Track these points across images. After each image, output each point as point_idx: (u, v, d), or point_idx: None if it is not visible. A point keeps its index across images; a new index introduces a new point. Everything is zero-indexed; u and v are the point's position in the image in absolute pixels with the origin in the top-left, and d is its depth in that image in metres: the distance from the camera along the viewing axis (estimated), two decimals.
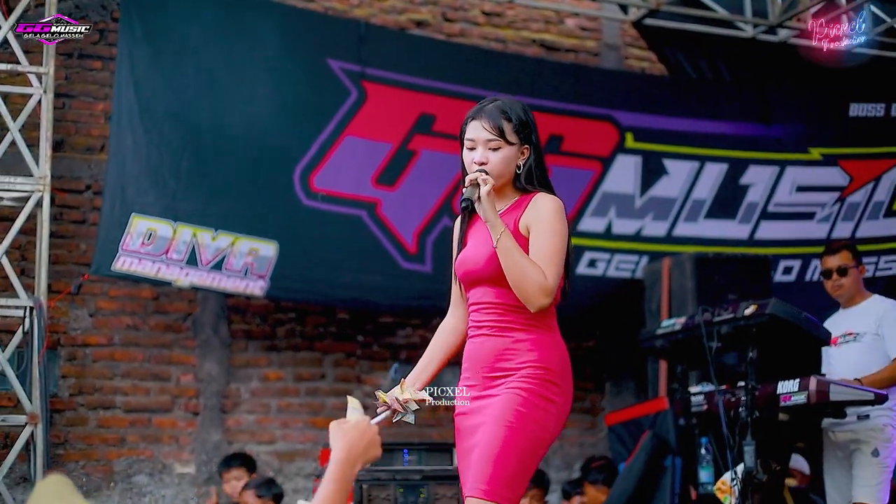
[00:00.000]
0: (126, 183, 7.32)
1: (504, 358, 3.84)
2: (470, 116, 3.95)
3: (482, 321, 3.90)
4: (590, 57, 9.45)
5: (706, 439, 6.76)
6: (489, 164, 3.87)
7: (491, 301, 3.89)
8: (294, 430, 8.23)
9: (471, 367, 3.91)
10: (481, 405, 3.84)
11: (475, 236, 4.00)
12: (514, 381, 3.80)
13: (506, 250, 3.79)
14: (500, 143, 3.90)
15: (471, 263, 3.95)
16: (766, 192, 8.99)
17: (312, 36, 7.97)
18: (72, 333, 7.74)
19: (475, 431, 3.82)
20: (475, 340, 3.92)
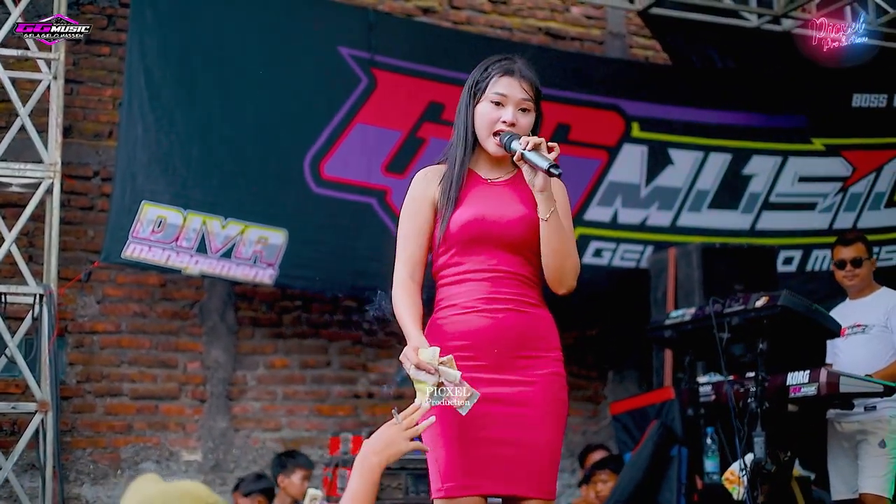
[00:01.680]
0: (136, 170, 7.30)
1: (531, 338, 3.58)
2: (499, 70, 3.71)
3: (498, 293, 3.58)
4: (595, 45, 9.46)
5: (712, 429, 6.81)
6: (518, 126, 3.63)
7: (510, 271, 3.60)
8: (300, 418, 8.24)
9: (483, 346, 3.55)
10: (505, 392, 3.53)
11: (482, 196, 3.65)
12: (551, 366, 3.60)
13: (559, 225, 3.57)
14: (531, 105, 3.69)
15: (493, 223, 3.61)
16: (768, 182, 9.03)
17: (323, 23, 7.95)
18: (79, 320, 7.74)
19: (513, 422, 3.51)
20: (486, 315, 3.57)
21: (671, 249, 8.17)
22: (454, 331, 3.59)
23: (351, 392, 8.41)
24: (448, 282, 3.66)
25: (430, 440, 3.55)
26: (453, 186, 3.67)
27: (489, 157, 3.72)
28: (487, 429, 3.52)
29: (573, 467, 8.84)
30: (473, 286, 3.61)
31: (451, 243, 3.64)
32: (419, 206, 3.71)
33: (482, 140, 3.69)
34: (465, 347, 3.55)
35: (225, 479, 7.92)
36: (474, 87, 3.73)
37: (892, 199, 9.32)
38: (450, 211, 3.64)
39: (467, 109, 3.73)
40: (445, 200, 3.66)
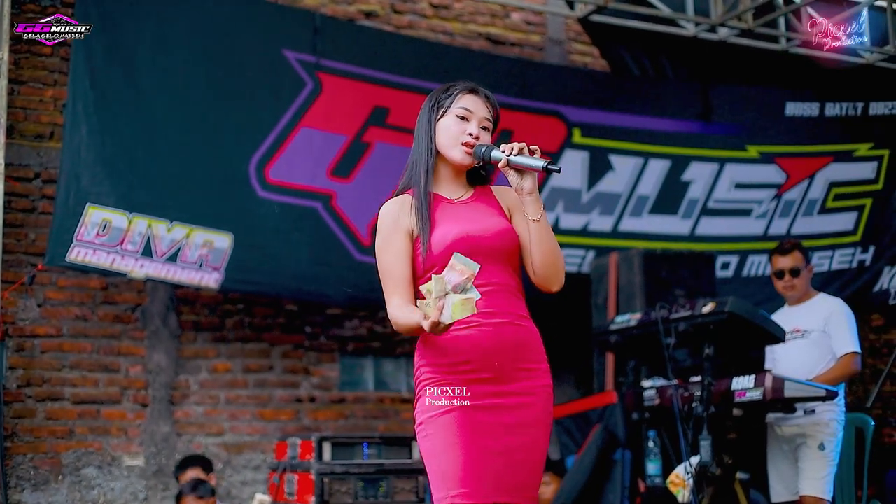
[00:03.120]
0: (81, 173, 7.19)
1: (526, 350, 3.67)
2: (464, 89, 3.79)
3: (494, 307, 3.63)
4: (534, 51, 9.52)
5: (654, 433, 6.88)
6: (481, 141, 3.73)
7: (501, 283, 3.68)
8: (242, 422, 8.19)
9: (484, 359, 3.59)
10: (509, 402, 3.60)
11: (454, 215, 3.71)
12: (545, 378, 3.70)
13: (547, 226, 3.70)
14: (490, 126, 3.80)
15: (479, 238, 3.65)
16: (706, 188, 9.14)
17: (268, 26, 7.91)
18: (20, 324, 7.61)
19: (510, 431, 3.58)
20: (486, 329, 3.60)
21: (612, 255, 8.24)
22: (455, 345, 3.63)
23: (293, 396, 8.39)
24: None
25: (433, 450, 3.62)
26: (423, 210, 3.72)
27: (449, 176, 3.81)
28: (493, 439, 3.58)
29: None
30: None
31: (441, 264, 3.61)
32: (394, 235, 3.75)
33: (447, 150, 3.77)
34: (466, 361, 3.62)
35: (167, 484, 7.84)
36: (436, 105, 3.81)
37: (826, 205, 9.47)
38: (427, 233, 3.68)
39: (429, 125, 3.80)
40: (422, 223, 3.70)
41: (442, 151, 3.77)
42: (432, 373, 3.66)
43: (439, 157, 3.79)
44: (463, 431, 3.57)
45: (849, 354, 6.40)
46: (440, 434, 3.58)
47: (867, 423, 6.92)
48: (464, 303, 3.39)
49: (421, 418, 3.67)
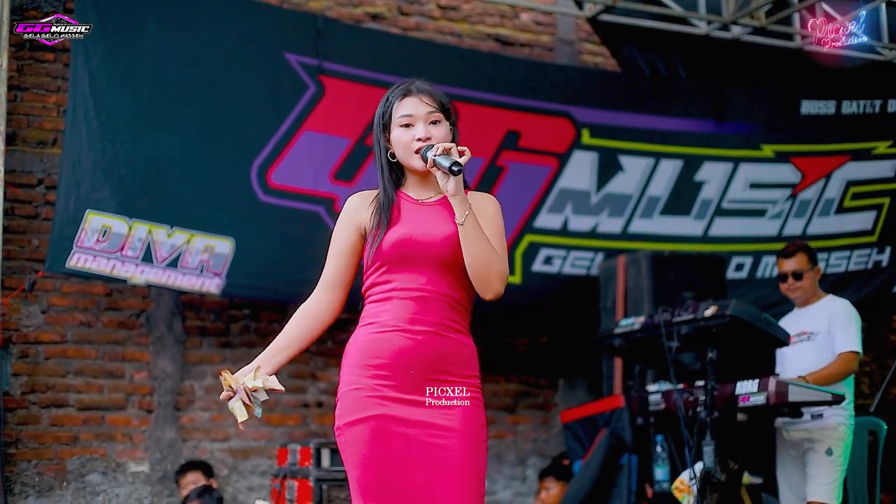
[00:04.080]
0: (80, 179, 7.20)
1: (451, 362, 3.59)
2: (398, 95, 3.72)
3: (422, 315, 3.59)
4: (544, 52, 9.44)
5: (662, 437, 6.81)
6: (434, 138, 3.65)
7: (436, 291, 3.62)
8: (248, 428, 8.03)
9: (400, 366, 3.56)
10: (422, 414, 3.56)
11: (412, 216, 3.70)
12: (469, 391, 3.61)
13: (475, 228, 3.56)
14: (440, 115, 3.70)
15: (420, 242, 3.64)
16: (719, 188, 9.03)
17: (270, 30, 7.87)
18: (24, 330, 7.61)
19: (431, 445, 3.54)
20: (408, 336, 3.58)
21: (620, 257, 8.16)
22: (374, 349, 3.61)
23: (300, 401, 8.35)
24: (374, 299, 3.68)
25: (348, 461, 3.59)
26: (382, 208, 3.70)
27: (418, 179, 3.77)
28: (405, 451, 3.54)
29: (524, 475, 8.83)
30: (398, 304, 3.63)
31: (382, 262, 3.66)
32: (345, 228, 3.79)
33: (407, 162, 3.73)
34: (382, 366, 3.59)
35: (173, 490, 7.82)
36: (382, 120, 3.77)
37: (842, 205, 9.34)
38: (383, 231, 3.65)
39: (379, 143, 3.79)
40: (376, 223, 3.69)
41: (404, 164, 3.74)
42: (351, 374, 3.64)
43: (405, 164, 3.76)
44: (374, 442, 3.54)
45: (847, 353, 6.33)
46: (353, 443, 3.57)
47: (880, 427, 6.84)
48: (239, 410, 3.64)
49: (338, 423, 3.64)
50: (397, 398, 3.56)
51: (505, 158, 8.40)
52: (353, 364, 3.64)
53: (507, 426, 8.99)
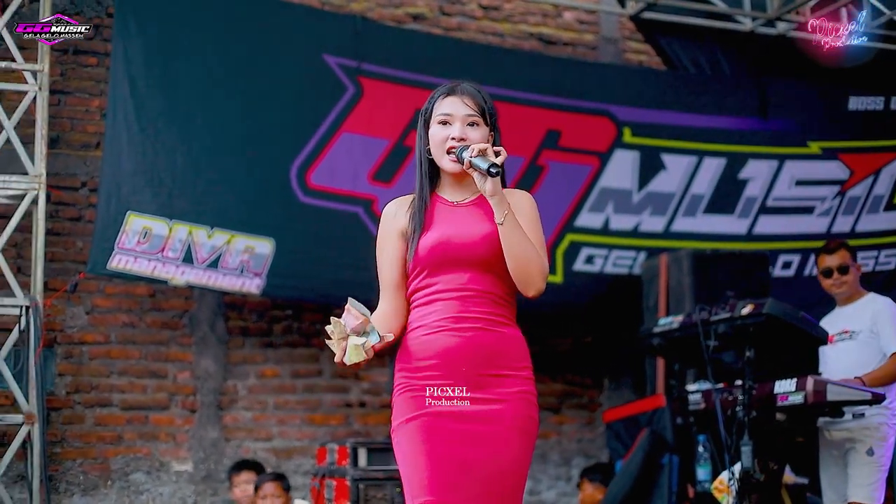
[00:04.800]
0: (121, 181, 7.29)
1: (500, 357, 3.64)
2: (441, 93, 3.79)
3: (467, 313, 3.64)
4: (588, 51, 9.41)
5: (704, 437, 6.76)
6: (469, 140, 3.69)
7: (479, 289, 3.66)
8: (291, 427, 8.21)
9: (450, 364, 3.60)
10: (475, 409, 3.60)
11: (448, 218, 3.73)
12: (521, 384, 3.66)
13: (515, 227, 3.61)
14: (479, 119, 3.73)
15: (459, 244, 3.67)
16: (765, 186, 8.94)
17: (308, 31, 7.91)
18: (68, 331, 7.73)
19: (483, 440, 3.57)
20: (455, 334, 3.62)
21: (662, 256, 8.11)
22: (423, 350, 3.65)
23: (343, 401, 8.38)
24: (418, 303, 3.72)
25: (402, 457, 3.64)
26: (417, 212, 3.75)
27: (453, 180, 3.81)
28: (458, 447, 3.58)
29: (568, 475, 8.80)
30: (442, 306, 3.67)
31: (422, 267, 3.71)
32: (388, 237, 3.81)
33: (438, 160, 3.78)
34: (434, 367, 3.62)
35: (216, 489, 7.91)
36: (424, 116, 3.83)
37: (892, 202, 9.22)
38: (417, 236, 3.71)
39: (420, 139, 3.83)
40: (413, 227, 3.73)
41: (436, 161, 3.78)
42: (403, 377, 3.68)
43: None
44: (427, 438, 3.58)
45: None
46: (406, 441, 3.62)
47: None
48: (357, 348, 3.51)
49: (393, 424, 3.70)
50: (449, 396, 3.60)
51: (545, 158, 8.38)
52: (404, 367, 3.70)
53: (551, 426, 8.97)
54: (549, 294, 8.57)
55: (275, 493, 7.26)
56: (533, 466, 8.68)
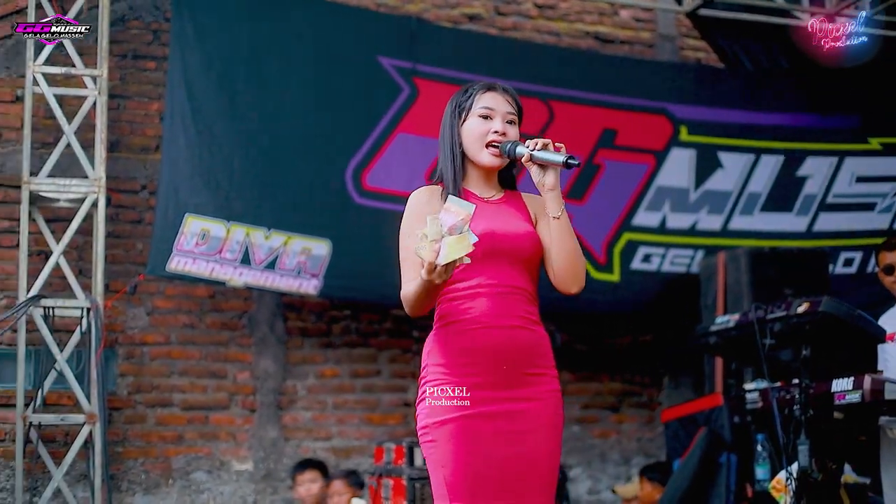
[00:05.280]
0: (179, 183, 7.38)
1: (537, 356, 3.65)
2: (480, 88, 3.80)
3: (509, 310, 3.62)
4: (645, 48, 9.38)
5: (762, 436, 6.72)
6: (508, 137, 3.73)
7: (518, 286, 3.66)
8: (350, 427, 8.26)
9: (492, 362, 3.56)
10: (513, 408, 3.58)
11: (484, 213, 3.66)
12: (553, 383, 3.67)
13: (568, 223, 3.65)
14: (516, 119, 3.79)
15: (504, 238, 3.65)
16: (824, 183, 8.88)
17: (363, 33, 7.96)
18: (129, 332, 7.82)
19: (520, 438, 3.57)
20: (498, 332, 3.58)
21: (720, 254, 8.06)
22: (464, 345, 3.61)
23: (402, 400, 8.41)
24: (458, 296, 3.66)
25: (439, 456, 3.60)
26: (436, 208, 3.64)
27: (479, 177, 3.82)
28: (496, 445, 3.56)
29: (628, 474, 8.78)
30: (483, 301, 3.63)
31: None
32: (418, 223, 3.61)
33: (475, 154, 3.77)
34: (473, 363, 3.59)
35: (276, 488, 7.97)
36: (458, 108, 3.81)
37: None
38: None
39: (452, 130, 3.80)
40: None
41: (469, 155, 3.79)
42: (436, 374, 3.64)
43: (468, 159, 3.80)
44: (464, 440, 3.55)
45: None
46: (442, 443, 3.57)
47: None
48: (459, 241, 3.33)
49: (424, 422, 3.65)
50: (489, 396, 3.58)
51: (601, 157, 8.37)
52: (441, 363, 3.64)
53: (611, 425, 8.96)
54: (606, 293, 8.62)
55: (340, 491, 7.34)
56: (593, 465, 8.78)
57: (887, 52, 8.83)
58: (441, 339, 3.67)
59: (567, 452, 8.68)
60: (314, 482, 7.52)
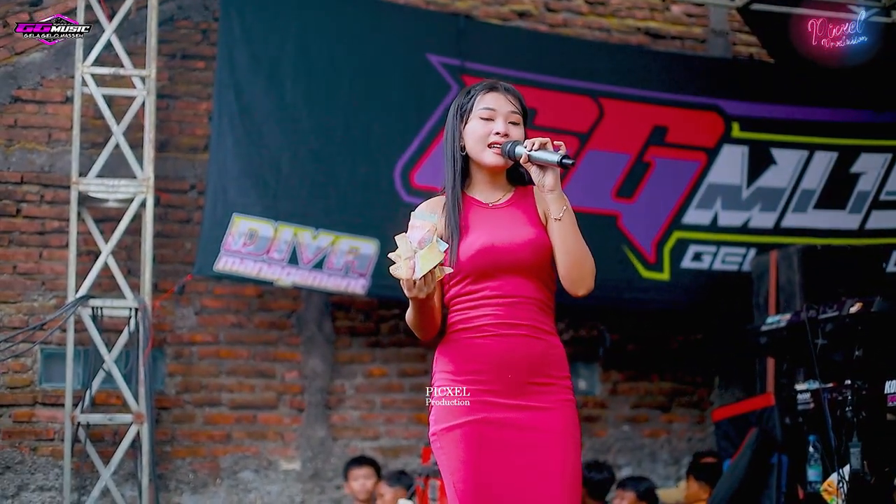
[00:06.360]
0: (227, 183, 7.39)
1: (546, 366, 3.58)
2: (483, 88, 3.72)
3: (516, 319, 3.56)
4: (696, 44, 9.27)
5: (814, 437, 6.63)
6: (512, 136, 3.64)
7: (526, 296, 3.59)
8: (398, 427, 8.24)
9: (497, 370, 3.52)
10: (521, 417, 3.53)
11: (487, 222, 3.64)
12: (564, 393, 3.60)
13: (573, 224, 3.56)
14: (520, 119, 3.69)
15: (504, 249, 3.58)
16: (877, 180, 8.75)
17: (411, 31, 7.94)
18: (178, 332, 7.84)
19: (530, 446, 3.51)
20: (504, 341, 3.54)
21: (773, 252, 7.93)
22: (470, 354, 3.58)
23: None
24: (464, 307, 3.63)
25: (447, 466, 3.56)
26: (451, 214, 3.66)
27: (485, 179, 3.75)
28: (504, 453, 3.52)
29: (678, 474, 8.71)
30: (490, 311, 3.59)
31: (465, 272, 3.61)
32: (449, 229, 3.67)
33: (477, 155, 3.71)
34: (479, 371, 3.55)
35: (324, 487, 7.97)
36: (460, 111, 3.75)
37: None
38: (456, 239, 3.61)
39: (454, 133, 3.74)
40: (450, 230, 3.64)
41: (473, 157, 3.72)
42: (444, 382, 3.62)
43: (473, 161, 3.73)
44: (471, 447, 3.52)
45: None
46: (449, 449, 3.54)
47: None
48: (429, 251, 3.35)
49: (433, 428, 3.64)
50: (495, 403, 3.53)
51: (651, 154, 8.28)
52: (448, 370, 3.62)
53: (661, 425, 8.88)
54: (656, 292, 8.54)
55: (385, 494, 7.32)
56: (643, 465, 8.70)
57: None
58: (448, 347, 3.65)
59: (617, 452, 8.63)
60: (368, 478, 7.51)
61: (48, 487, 7.38)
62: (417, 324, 3.63)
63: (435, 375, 3.69)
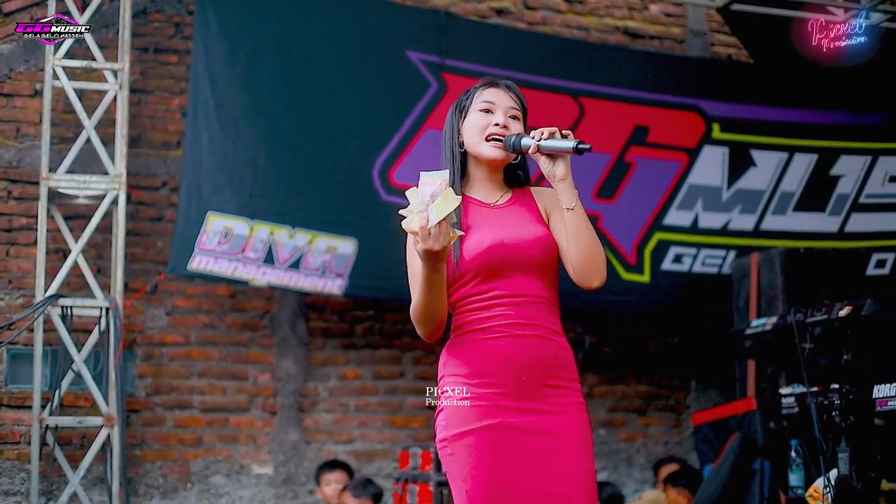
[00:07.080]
0: (202, 181, 7.24)
1: (558, 368, 3.49)
2: (483, 85, 3.67)
3: (528, 320, 3.47)
4: (675, 44, 9.21)
5: (796, 442, 6.57)
6: (511, 130, 3.58)
7: (536, 294, 3.50)
8: (373, 430, 8.10)
9: (510, 374, 3.42)
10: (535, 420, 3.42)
11: (490, 221, 3.56)
12: (576, 396, 3.50)
13: (583, 215, 3.49)
14: (520, 114, 3.63)
15: (514, 247, 3.49)
16: (857, 183, 8.72)
17: (391, 28, 7.81)
18: (148, 332, 7.67)
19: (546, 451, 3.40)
20: (517, 342, 3.45)
21: (753, 255, 7.89)
22: (482, 355, 3.46)
23: (425, 403, 8.23)
24: (474, 307, 3.52)
25: (459, 473, 3.43)
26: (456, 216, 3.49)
27: (483, 178, 3.67)
28: (519, 458, 3.41)
29: (655, 479, 8.62)
30: (502, 311, 3.48)
31: (474, 271, 3.50)
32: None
33: (474, 148, 3.63)
34: (493, 373, 3.44)
35: (296, 492, 7.82)
36: (459, 107, 3.69)
37: None
38: (459, 240, 3.51)
39: (453, 130, 3.67)
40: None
41: (471, 151, 3.64)
42: (454, 385, 3.49)
43: (472, 159, 3.65)
44: (486, 453, 3.40)
45: None
46: (463, 456, 3.41)
47: None
48: (444, 199, 3.22)
49: (443, 434, 3.50)
50: (510, 407, 3.43)
51: (633, 154, 8.20)
52: (459, 372, 3.50)
53: (637, 428, 8.80)
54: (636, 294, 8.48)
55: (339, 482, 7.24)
56: (619, 470, 8.61)
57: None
58: (458, 348, 3.53)
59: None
60: (341, 483, 7.37)
61: (14, 492, 7.18)
62: (427, 305, 3.51)
63: (443, 378, 3.56)
